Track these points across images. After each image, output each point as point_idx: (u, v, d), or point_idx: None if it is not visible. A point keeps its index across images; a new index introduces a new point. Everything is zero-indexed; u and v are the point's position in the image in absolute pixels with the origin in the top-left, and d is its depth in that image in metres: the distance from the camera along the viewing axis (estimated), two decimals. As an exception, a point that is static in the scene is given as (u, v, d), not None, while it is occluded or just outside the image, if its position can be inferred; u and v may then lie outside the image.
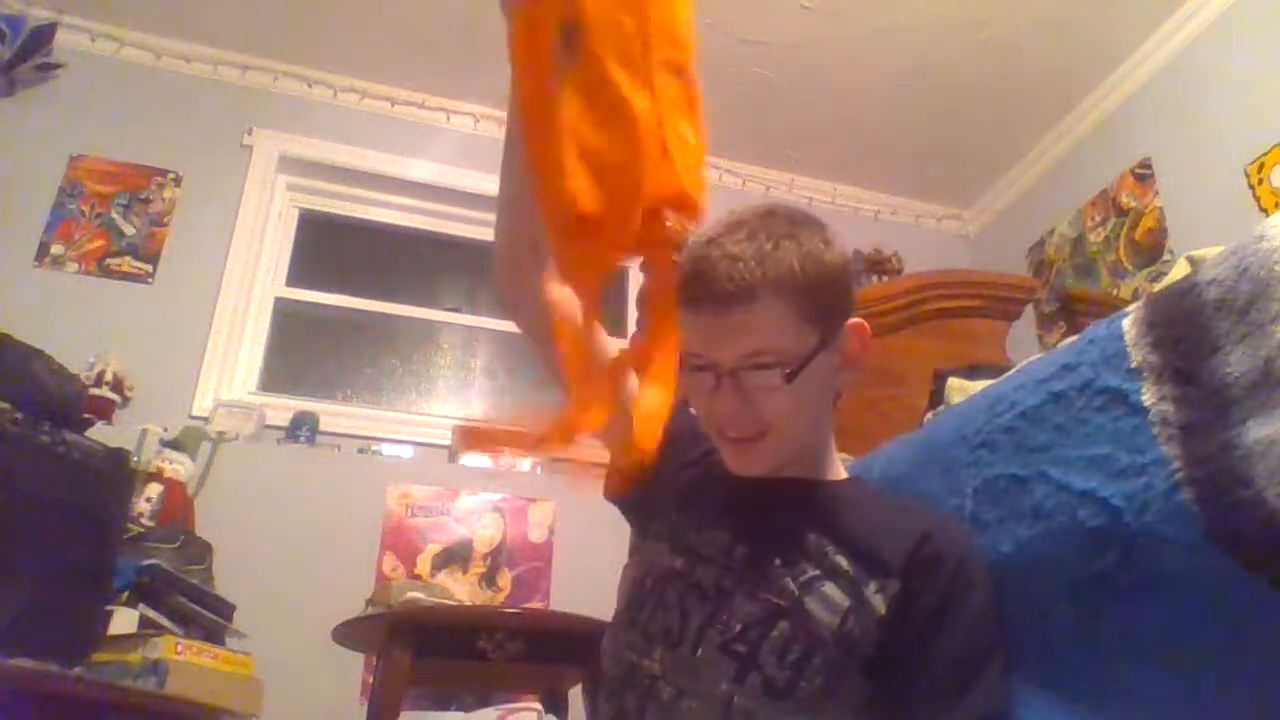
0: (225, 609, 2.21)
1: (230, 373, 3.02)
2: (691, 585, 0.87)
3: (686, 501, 0.96)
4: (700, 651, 0.82)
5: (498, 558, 2.86)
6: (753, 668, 0.80)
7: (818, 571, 0.83)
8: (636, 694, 0.84)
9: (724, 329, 0.86)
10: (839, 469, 0.99)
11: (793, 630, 0.80)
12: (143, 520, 2.34)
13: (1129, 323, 0.75)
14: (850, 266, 0.94)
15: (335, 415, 3.07)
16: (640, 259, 0.87)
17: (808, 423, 0.91)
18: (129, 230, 3.07)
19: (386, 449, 3.05)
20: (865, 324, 0.93)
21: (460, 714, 2.22)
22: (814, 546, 0.85)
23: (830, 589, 0.82)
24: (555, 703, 2.18)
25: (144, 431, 2.62)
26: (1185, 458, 0.67)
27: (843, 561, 0.84)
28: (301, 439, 2.91)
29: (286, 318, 3.30)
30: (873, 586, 0.82)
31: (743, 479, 0.93)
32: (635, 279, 3.45)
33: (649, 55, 0.76)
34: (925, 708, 0.79)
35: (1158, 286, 0.81)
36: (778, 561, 0.85)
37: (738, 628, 0.82)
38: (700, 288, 0.86)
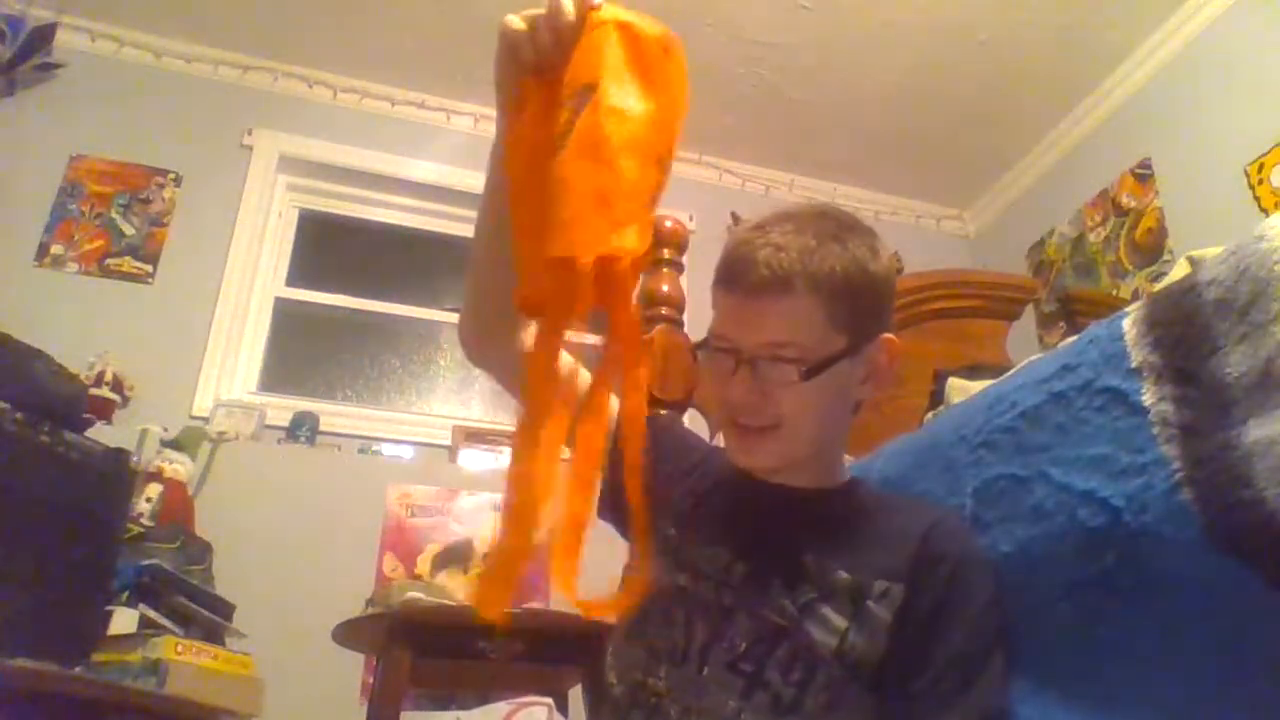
0: (225, 609, 2.21)
1: (230, 373, 3.02)
2: (696, 603, 0.86)
3: (685, 516, 0.95)
4: (707, 670, 0.82)
5: (498, 558, 2.85)
6: (759, 686, 0.80)
7: (815, 594, 0.83)
8: (643, 712, 0.83)
9: (752, 314, 0.86)
10: (842, 474, 0.98)
11: (794, 650, 0.81)
12: (143, 520, 2.34)
13: (1129, 323, 0.75)
14: (894, 281, 0.93)
15: (335, 415, 3.07)
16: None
17: (818, 427, 0.90)
18: (129, 230, 3.07)
19: (386, 449, 3.05)
20: (896, 341, 0.92)
21: (460, 713, 2.21)
22: (813, 565, 0.85)
23: (828, 611, 0.82)
24: (556, 703, 2.17)
25: (144, 431, 2.61)
26: (1185, 458, 0.67)
27: (843, 575, 0.83)
28: (301, 439, 2.91)
29: (286, 318, 3.30)
30: (875, 595, 0.82)
31: (741, 492, 0.92)
32: (635, 279, 3.45)
33: (650, 142, 0.76)
34: (926, 706, 0.79)
35: (1158, 286, 0.81)
36: (777, 582, 0.84)
37: (742, 646, 0.82)
38: (737, 270, 0.86)
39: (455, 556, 2.83)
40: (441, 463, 3.04)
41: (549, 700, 2.01)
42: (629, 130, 0.75)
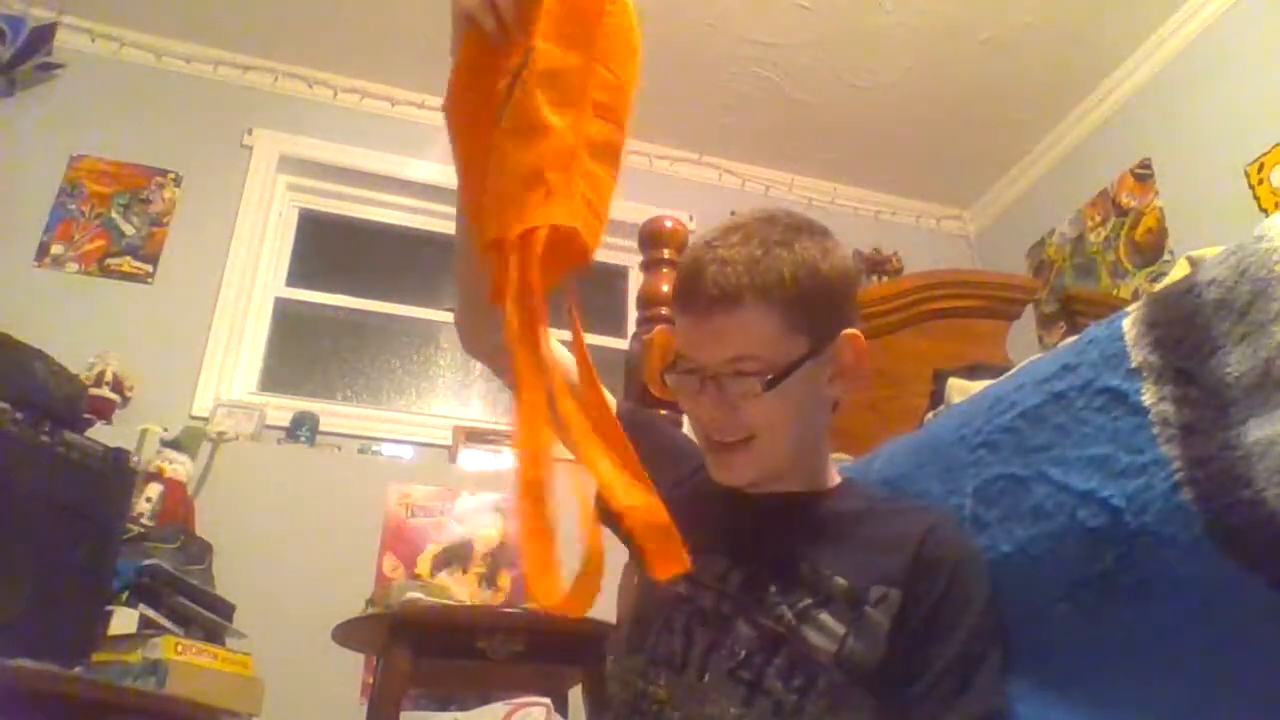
0: (225, 609, 2.21)
1: (230, 373, 3.02)
2: (695, 611, 0.86)
3: (680, 525, 0.95)
4: (707, 678, 0.82)
5: (498, 558, 2.85)
6: (760, 693, 0.80)
7: (811, 600, 0.83)
8: None
9: (707, 333, 0.86)
10: (832, 476, 0.97)
11: (793, 657, 0.81)
12: (143, 520, 2.34)
13: (1129, 323, 0.75)
14: (851, 276, 0.92)
15: (335, 415, 3.07)
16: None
17: (794, 432, 0.89)
18: (129, 230, 3.07)
19: (386, 449, 3.05)
20: (860, 335, 0.91)
21: (460, 713, 2.21)
22: (808, 572, 0.84)
23: (826, 617, 0.82)
24: (556, 703, 2.18)
25: (144, 431, 2.61)
26: (1185, 458, 0.67)
27: (840, 581, 0.83)
28: (301, 439, 2.91)
29: (286, 318, 3.30)
30: (873, 600, 0.82)
31: (736, 499, 0.92)
32: (635, 279, 3.45)
33: (583, 93, 0.73)
34: (925, 708, 0.79)
35: (1158, 286, 0.81)
36: (773, 589, 0.84)
37: (742, 654, 0.82)
38: (688, 290, 0.87)
39: (455, 556, 2.83)
40: (441, 463, 3.04)
41: (547, 700, 2.01)
42: (559, 88, 0.72)
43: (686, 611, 0.86)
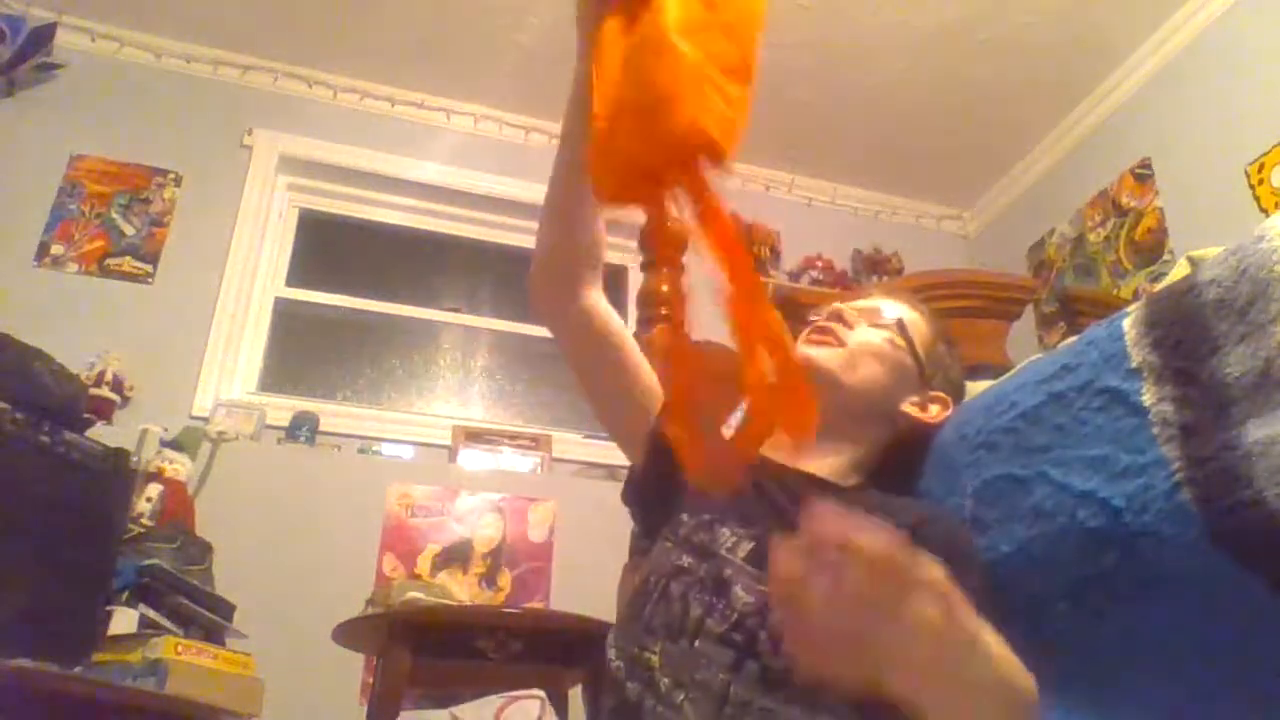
0: (225, 609, 2.21)
1: (230, 373, 3.02)
2: (695, 580, 0.87)
3: (697, 504, 0.96)
4: (698, 643, 0.83)
5: (498, 558, 2.85)
6: (750, 656, 0.80)
7: None
8: (638, 684, 0.84)
9: (864, 297, 1.09)
10: (855, 480, 1.01)
11: None
12: (143, 520, 2.34)
13: (1129, 323, 0.75)
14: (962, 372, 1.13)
15: (335, 415, 3.07)
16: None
17: (864, 386, 1.01)
18: (129, 230, 3.07)
19: (386, 449, 3.05)
20: (950, 405, 1.04)
21: (455, 708, 2.21)
22: None
23: None
24: (556, 702, 2.18)
25: (144, 431, 2.61)
26: (1185, 458, 0.67)
27: None
28: (301, 439, 2.91)
29: (286, 318, 3.29)
30: None
31: (758, 475, 0.93)
32: (635, 279, 3.45)
33: (710, 17, 0.73)
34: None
35: (1158, 286, 0.81)
36: None
37: (735, 617, 0.83)
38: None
39: (455, 556, 2.83)
40: (441, 463, 3.04)
41: (541, 693, 2.01)
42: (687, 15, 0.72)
43: (685, 581, 0.88)
